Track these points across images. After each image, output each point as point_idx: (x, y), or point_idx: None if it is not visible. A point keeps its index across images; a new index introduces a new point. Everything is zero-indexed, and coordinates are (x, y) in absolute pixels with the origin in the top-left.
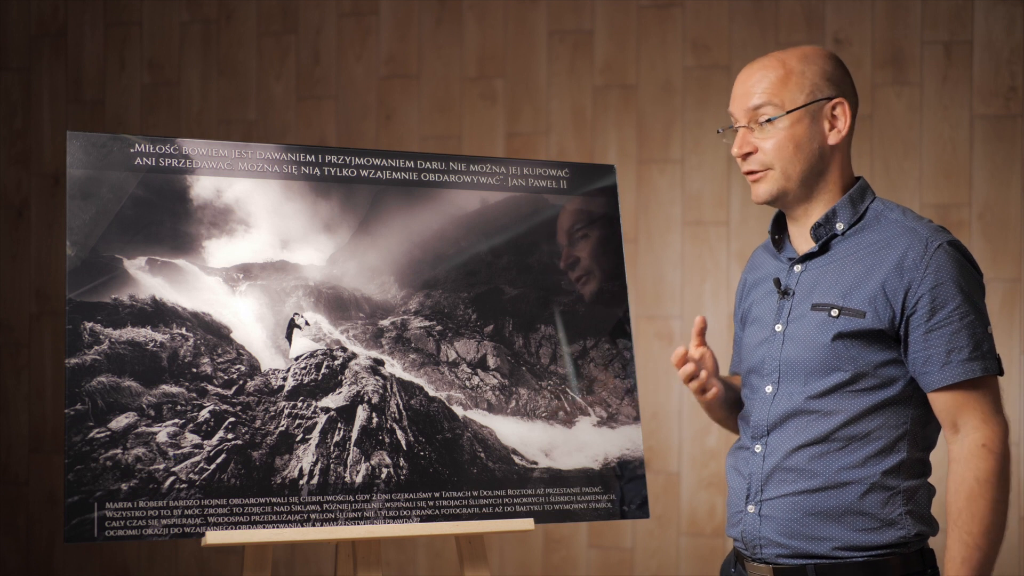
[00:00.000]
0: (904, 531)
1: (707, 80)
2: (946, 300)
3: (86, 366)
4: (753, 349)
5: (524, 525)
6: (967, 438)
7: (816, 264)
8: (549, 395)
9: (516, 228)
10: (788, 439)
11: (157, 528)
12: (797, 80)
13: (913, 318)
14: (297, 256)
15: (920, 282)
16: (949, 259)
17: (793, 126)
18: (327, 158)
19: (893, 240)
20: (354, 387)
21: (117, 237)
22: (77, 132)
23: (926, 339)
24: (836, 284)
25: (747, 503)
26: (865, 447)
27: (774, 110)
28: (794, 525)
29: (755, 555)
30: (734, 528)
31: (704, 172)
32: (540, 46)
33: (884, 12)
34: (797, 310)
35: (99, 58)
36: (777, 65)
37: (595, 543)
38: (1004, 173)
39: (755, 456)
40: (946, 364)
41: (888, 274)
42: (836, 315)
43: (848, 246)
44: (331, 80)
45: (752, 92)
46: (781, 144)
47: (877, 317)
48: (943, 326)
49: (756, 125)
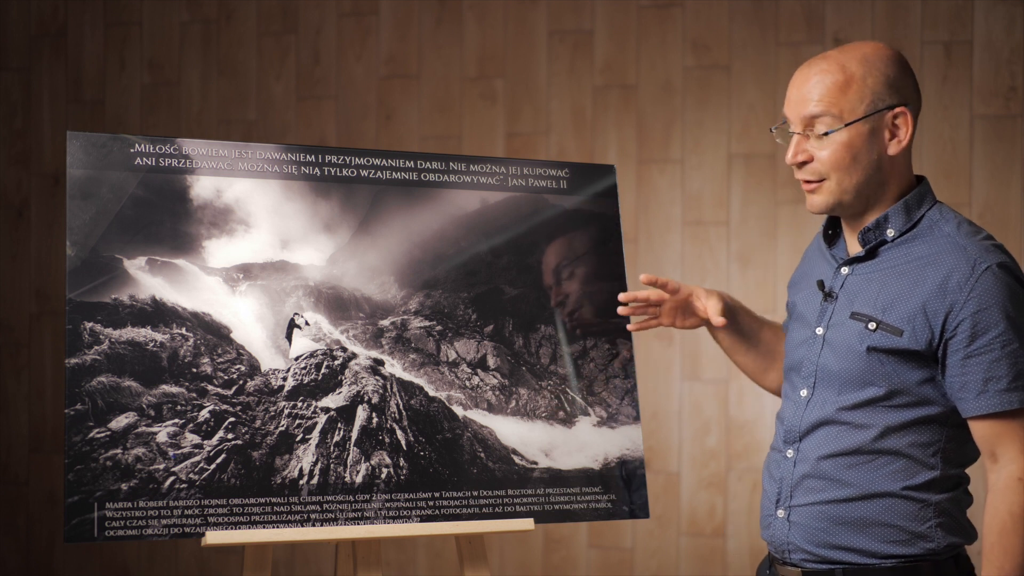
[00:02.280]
0: (934, 544)
1: (707, 80)
2: (988, 326)
3: (86, 366)
4: (795, 347)
5: (524, 525)
6: (1004, 469)
7: (862, 270)
8: (549, 395)
9: (516, 228)
10: (819, 447)
11: (157, 528)
12: (858, 88)
13: (952, 342)
14: (297, 256)
15: (963, 306)
16: (997, 283)
17: (852, 138)
18: (327, 158)
19: (940, 257)
20: (354, 387)
21: (117, 237)
22: (77, 132)
23: (963, 365)
24: (878, 295)
25: (777, 507)
26: (896, 461)
27: (832, 121)
28: (821, 534)
29: (784, 559)
30: (765, 531)
31: (704, 172)
32: (540, 46)
33: (884, 12)
34: (838, 316)
35: (99, 58)
36: (836, 70)
37: (595, 543)
38: (1004, 173)
39: (786, 461)
40: (982, 392)
41: (931, 294)
42: (873, 328)
43: (896, 255)
44: (331, 80)
45: (809, 99)
46: (838, 155)
47: (914, 337)
48: (983, 353)
49: (812, 134)
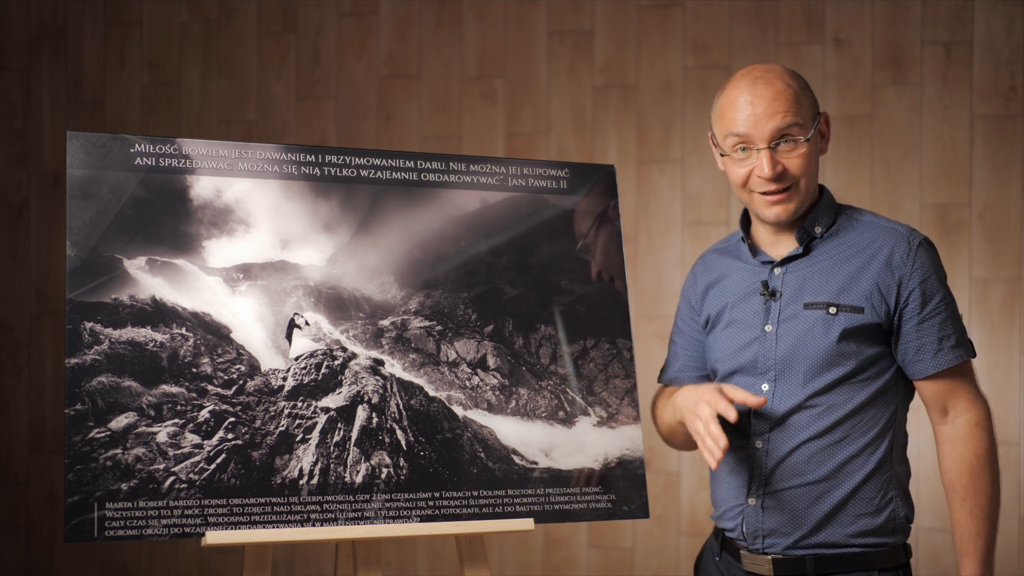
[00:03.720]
0: (895, 511)
1: (707, 80)
2: (933, 292)
3: (86, 366)
4: (738, 351)
5: (524, 525)
6: (959, 419)
7: (798, 266)
8: (549, 395)
9: (516, 228)
10: (791, 435)
11: (157, 528)
12: (806, 97)
13: (906, 310)
14: (297, 256)
15: (910, 277)
16: (929, 254)
17: (813, 142)
18: (327, 158)
19: (876, 240)
20: (354, 387)
21: (117, 237)
22: (77, 132)
23: (918, 330)
24: (827, 284)
25: (748, 496)
26: (863, 437)
27: (801, 130)
28: (799, 515)
29: (753, 546)
30: (731, 520)
31: (704, 172)
32: (540, 46)
33: (884, 12)
34: (788, 310)
35: (99, 58)
36: (783, 85)
37: (595, 543)
38: (1004, 173)
39: (756, 451)
40: (939, 352)
41: (879, 271)
42: (835, 312)
43: (828, 248)
44: (331, 80)
45: (777, 112)
46: (808, 160)
47: (874, 311)
48: (933, 316)
49: (785, 145)
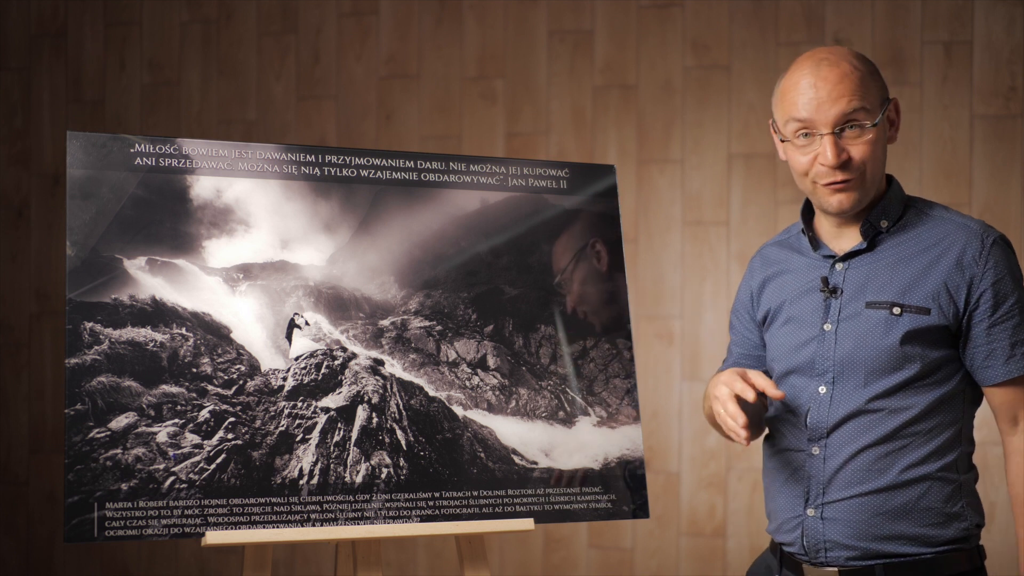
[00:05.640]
0: (967, 522)
1: (707, 80)
2: (1007, 294)
3: (86, 366)
4: (796, 349)
5: (524, 525)
6: None
7: (862, 262)
8: (549, 395)
9: (516, 228)
10: (851, 440)
11: (157, 528)
12: (874, 80)
13: (976, 313)
14: (297, 256)
15: (981, 277)
16: (1004, 253)
17: (880, 128)
18: (327, 158)
19: (947, 236)
20: (354, 387)
21: (117, 237)
22: (77, 132)
23: (989, 333)
24: (891, 282)
25: (807, 507)
26: (928, 444)
27: (868, 116)
28: (861, 526)
29: (817, 559)
30: (790, 534)
31: (704, 172)
32: (540, 46)
33: (884, 12)
34: (848, 308)
35: (99, 58)
36: (849, 68)
37: (595, 543)
38: (1004, 173)
39: (813, 458)
40: (1011, 358)
41: (949, 270)
42: (899, 313)
43: (895, 243)
44: (331, 80)
45: (842, 96)
46: (875, 148)
47: (942, 313)
48: (1006, 320)
49: (850, 131)
